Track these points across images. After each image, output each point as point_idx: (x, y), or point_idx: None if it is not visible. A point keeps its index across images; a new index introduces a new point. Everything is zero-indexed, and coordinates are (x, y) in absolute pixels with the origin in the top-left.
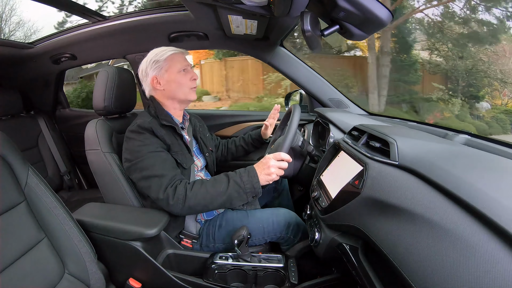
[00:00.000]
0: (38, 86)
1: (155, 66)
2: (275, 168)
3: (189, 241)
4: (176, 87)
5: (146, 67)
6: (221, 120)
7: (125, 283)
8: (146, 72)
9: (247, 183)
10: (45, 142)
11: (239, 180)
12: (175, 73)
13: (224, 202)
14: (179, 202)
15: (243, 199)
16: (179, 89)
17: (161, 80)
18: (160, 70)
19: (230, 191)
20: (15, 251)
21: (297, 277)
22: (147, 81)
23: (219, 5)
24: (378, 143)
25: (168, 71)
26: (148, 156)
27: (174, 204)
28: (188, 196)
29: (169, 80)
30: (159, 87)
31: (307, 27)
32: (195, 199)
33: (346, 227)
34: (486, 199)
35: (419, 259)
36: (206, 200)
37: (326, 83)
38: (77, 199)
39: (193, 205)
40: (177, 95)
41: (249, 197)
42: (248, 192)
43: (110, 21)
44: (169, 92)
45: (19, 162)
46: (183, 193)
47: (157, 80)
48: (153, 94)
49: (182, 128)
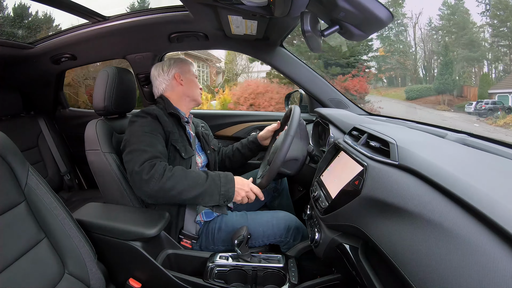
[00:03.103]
0: (38, 86)
1: (180, 65)
2: (245, 193)
3: (189, 242)
4: (193, 86)
5: (170, 64)
6: (221, 120)
7: (125, 283)
8: (169, 68)
9: (223, 185)
10: (45, 142)
11: (217, 180)
12: (193, 76)
13: (197, 196)
14: (153, 179)
15: (215, 199)
16: (194, 89)
17: (183, 78)
18: (184, 69)
19: (206, 186)
20: (15, 251)
21: (297, 277)
22: (168, 76)
23: (219, 5)
24: (378, 143)
25: (189, 73)
26: (140, 134)
27: (147, 180)
28: (166, 175)
29: (190, 80)
30: (181, 83)
31: (307, 27)
32: (172, 181)
33: (346, 227)
34: (486, 199)
35: (419, 259)
36: (183, 186)
37: (326, 83)
38: (77, 199)
39: (169, 187)
40: (192, 93)
41: (221, 199)
42: (222, 194)
43: (110, 21)
44: (187, 90)
45: (19, 162)
46: (161, 171)
47: (180, 77)
48: (168, 90)
49: (186, 122)
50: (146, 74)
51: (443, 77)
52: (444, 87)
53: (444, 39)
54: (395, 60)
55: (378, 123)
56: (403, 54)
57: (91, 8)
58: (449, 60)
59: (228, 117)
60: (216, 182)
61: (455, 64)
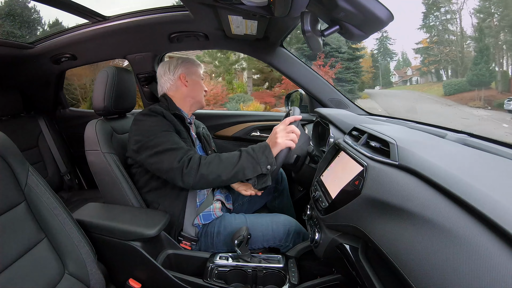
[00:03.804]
0: (38, 86)
1: (187, 66)
2: (283, 132)
3: (188, 244)
4: (198, 88)
5: (177, 64)
6: (221, 120)
7: (125, 283)
8: (176, 67)
9: (258, 152)
10: (45, 142)
11: (250, 151)
12: (199, 78)
13: (236, 173)
14: (193, 169)
15: (256, 170)
16: (199, 91)
17: (188, 79)
18: (190, 70)
19: (242, 161)
20: (15, 251)
21: (297, 278)
22: (173, 76)
23: (219, 5)
24: (378, 143)
25: (196, 74)
26: (161, 134)
27: (188, 172)
28: (202, 163)
29: (195, 82)
30: (186, 84)
31: (307, 27)
32: (208, 168)
33: (346, 228)
34: (486, 199)
35: (419, 259)
36: (219, 169)
37: (326, 84)
38: (77, 199)
39: (206, 173)
40: (196, 95)
41: (263, 167)
42: (261, 162)
43: (110, 21)
44: (191, 91)
45: (19, 163)
46: (197, 162)
47: (185, 78)
48: (172, 90)
49: (189, 123)
50: (146, 74)
51: (477, 67)
52: (478, 79)
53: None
54: (440, 51)
55: (378, 123)
56: (449, 44)
57: (91, 8)
58: (485, 47)
59: (228, 117)
60: (251, 153)
61: (494, 51)
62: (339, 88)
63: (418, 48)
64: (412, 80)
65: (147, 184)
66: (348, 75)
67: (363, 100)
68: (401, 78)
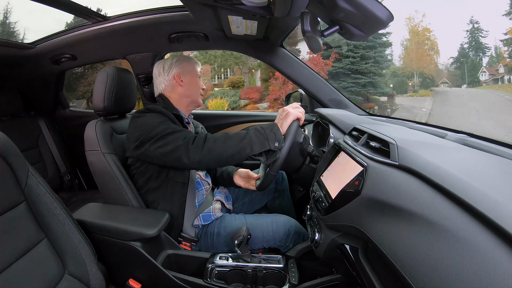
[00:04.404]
0: (38, 86)
1: (182, 65)
2: (290, 108)
3: (188, 244)
4: (194, 87)
5: (172, 63)
6: (221, 121)
7: (125, 283)
8: (170, 67)
9: (267, 129)
10: (45, 142)
11: (259, 127)
12: (196, 77)
13: (244, 147)
14: (199, 144)
15: (264, 145)
16: (195, 90)
17: (183, 78)
18: (185, 69)
19: (249, 136)
20: (15, 251)
21: (297, 278)
22: (168, 76)
23: (219, 6)
24: (378, 143)
25: (191, 73)
26: (160, 124)
27: (194, 148)
28: (208, 139)
29: (190, 81)
30: (181, 84)
31: (307, 27)
32: (214, 142)
33: (346, 228)
34: (486, 199)
35: (419, 259)
36: (225, 144)
37: (326, 84)
38: (77, 199)
39: (213, 147)
40: (192, 95)
41: (271, 143)
42: (269, 137)
43: (110, 21)
44: (187, 91)
45: (19, 163)
46: (203, 137)
47: (180, 77)
48: (168, 90)
49: (187, 123)
50: (146, 74)
51: None
52: None
53: None
54: None
55: (378, 123)
56: None
57: (91, 8)
58: None
59: (228, 117)
60: (259, 129)
61: None
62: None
63: (506, 40)
64: (504, 79)
65: (146, 184)
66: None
67: (416, 98)
68: (492, 76)
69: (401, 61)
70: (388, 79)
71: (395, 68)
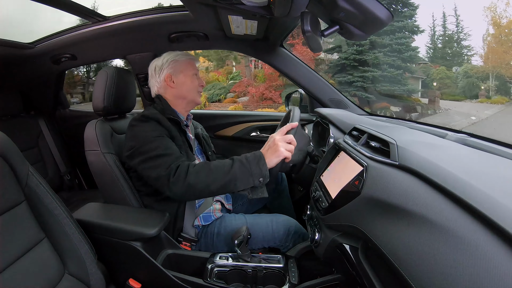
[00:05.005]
0: (38, 86)
1: (173, 65)
2: (282, 142)
3: (188, 244)
4: (187, 88)
5: (162, 64)
6: (221, 120)
7: (125, 283)
8: (161, 68)
9: (252, 162)
10: (45, 142)
11: (244, 160)
12: (190, 76)
13: (227, 183)
14: (180, 178)
15: (248, 182)
16: (189, 90)
17: (175, 79)
18: (176, 70)
19: (234, 171)
20: (15, 251)
21: (297, 277)
22: (159, 78)
23: (219, 5)
24: (378, 143)
25: (183, 72)
26: (153, 140)
27: (174, 181)
28: (190, 172)
29: (183, 81)
30: (172, 85)
31: (307, 27)
32: (196, 177)
33: (346, 227)
34: (485, 199)
35: (419, 259)
36: (208, 178)
37: (326, 84)
38: (77, 199)
39: (194, 183)
40: (187, 95)
41: (256, 180)
42: (254, 174)
43: (110, 21)
44: (180, 92)
45: (19, 162)
46: (185, 169)
47: (171, 78)
48: (162, 92)
49: (186, 126)
50: (146, 74)
51: None
52: None
53: None
54: None
55: (378, 123)
56: None
57: (91, 8)
58: None
59: (228, 117)
60: (244, 163)
61: None
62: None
63: None
64: None
65: (143, 187)
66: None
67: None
68: None
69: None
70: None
71: (467, 68)
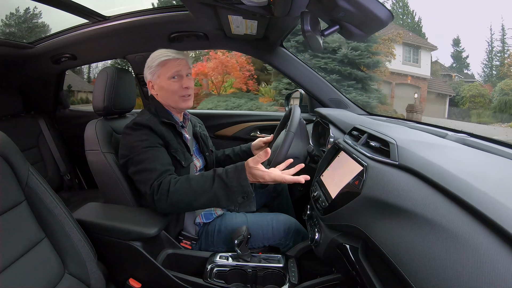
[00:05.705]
0: (38, 86)
1: (149, 71)
2: (276, 173)
3: (189, 243)
4: (166, 94)
5: (145, 70)
6: (221, 120)
7: (125, 283)
8: (145, 75)
9: (232, 179)
10: (45, 142)
11: (224, 176)
12: (166, 80)
13: (210, 201)
14: (163, 197)
15: (232, 199)
16: (169, 96)
17: (154, 85)
18: (153, 75)
19: (215, 189)
20: (15, 251)
21: (297, 277)
22: (146, 83)
23: (219, 5)
24: (378, 143)
25: (160, 77)
26: (142, 151)
27: (158, 200)
28: (171, 191)
29: (161, 87)
30: (153, 92)
31: (307, 27)
32: (177, 195)
33: (346, 227)
34: (485, 199)
35: (419, 259)
36: (189, 197)
37: (326, 83)
38: (77, 199)
39: (176, 201)
40: (168, 102)
41: (238, 197)
42: (235, 191)
43: (110, 21)
44: (161, 98)
45: (19, 162)
46: (166, 188)
47: (152, 84)
48: (153, 94)
49: (182, 127)
50: None
51: None
52: None
53: None
54: None
55: (378, 123)
56: None
57: (91, 8)
58: None
59: (228, 117)
60: (224, 179)
61: None
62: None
63: None
64: None
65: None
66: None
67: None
68: None
69: None
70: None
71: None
